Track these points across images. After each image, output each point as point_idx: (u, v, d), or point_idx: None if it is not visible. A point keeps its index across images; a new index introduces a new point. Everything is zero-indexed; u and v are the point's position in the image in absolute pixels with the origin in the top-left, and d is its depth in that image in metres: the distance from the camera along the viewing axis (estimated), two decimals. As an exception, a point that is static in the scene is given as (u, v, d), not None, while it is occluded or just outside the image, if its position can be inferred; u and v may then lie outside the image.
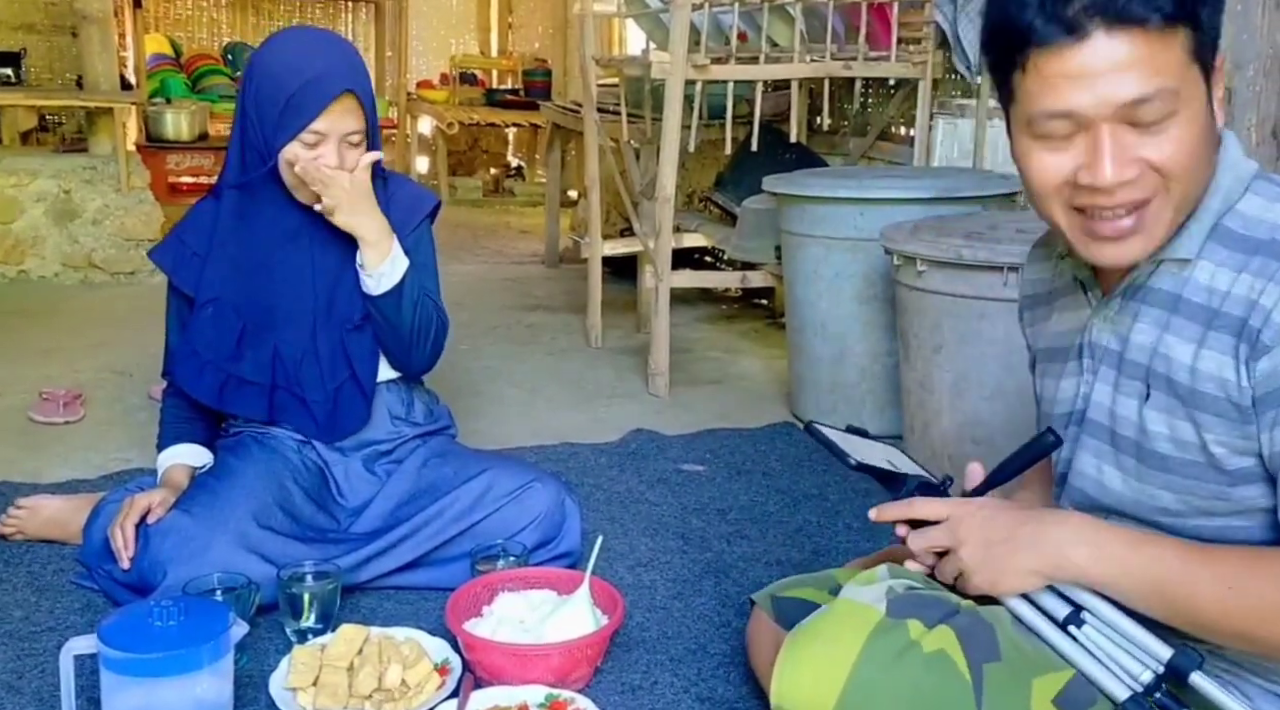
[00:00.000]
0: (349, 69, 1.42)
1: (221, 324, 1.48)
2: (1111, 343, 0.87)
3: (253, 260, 1.49)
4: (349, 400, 1.53)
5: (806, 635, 0.87)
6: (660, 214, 2.45)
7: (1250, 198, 0.81)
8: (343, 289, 1.49)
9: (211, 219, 1.51)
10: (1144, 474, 0.85)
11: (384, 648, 1.21)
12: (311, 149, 1.40)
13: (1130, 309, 0.86)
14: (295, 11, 6.16)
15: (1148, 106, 0.75)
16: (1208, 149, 0.80)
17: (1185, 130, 0.77)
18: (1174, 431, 0.82)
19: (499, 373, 2.58)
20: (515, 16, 6.74)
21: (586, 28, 2.84)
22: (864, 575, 0.93)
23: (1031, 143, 0.80)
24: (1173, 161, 0.77)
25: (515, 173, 6.33)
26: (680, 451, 2.08)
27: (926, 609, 0.85)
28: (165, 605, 1.08)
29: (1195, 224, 0.82)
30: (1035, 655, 0.84)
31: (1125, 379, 0.86)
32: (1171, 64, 0.75)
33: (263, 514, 1.40)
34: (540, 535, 1.48)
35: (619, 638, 1.34)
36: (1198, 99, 0.77)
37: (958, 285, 1.80)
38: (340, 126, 1.40)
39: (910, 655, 0.82)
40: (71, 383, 2.37)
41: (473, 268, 3.95)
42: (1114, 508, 0.88)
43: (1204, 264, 0.81)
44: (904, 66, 2.58)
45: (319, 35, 1.53)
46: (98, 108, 3.56)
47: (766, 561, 1.62)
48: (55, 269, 3.52)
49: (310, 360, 1.50)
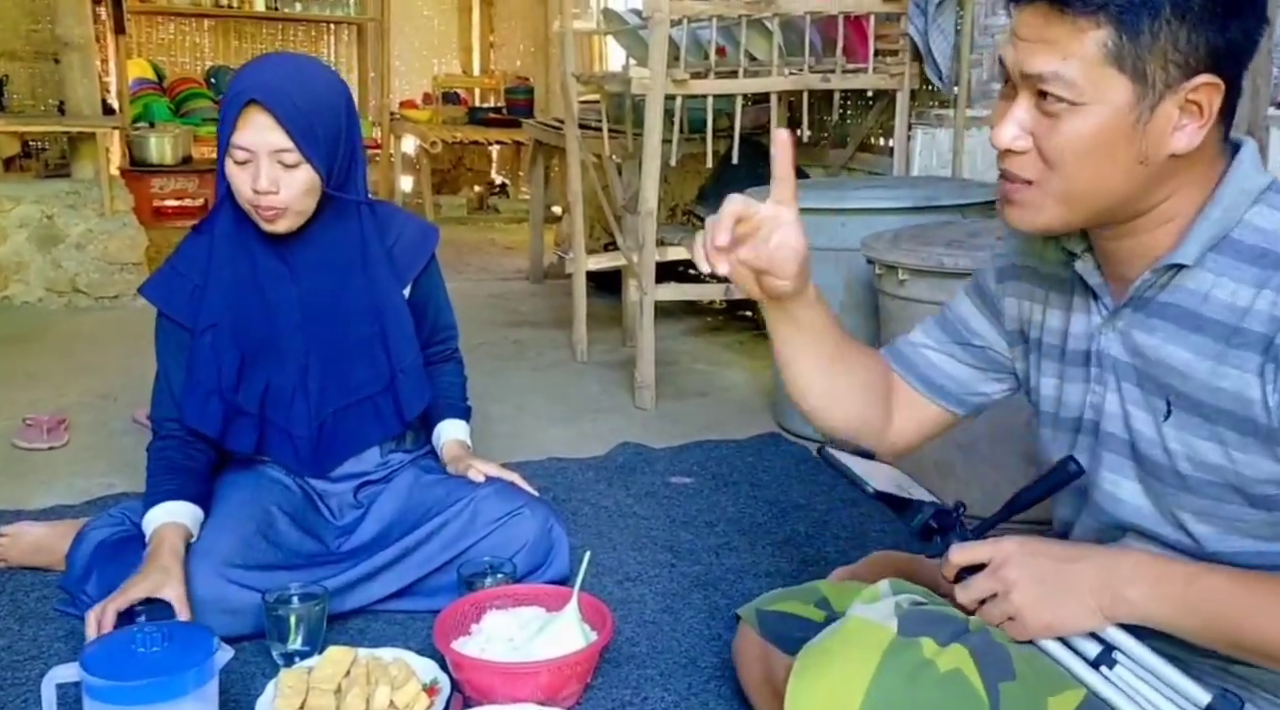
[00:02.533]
0: (270, 85, 1.33)
1: (222, 352, 1.43)
2: (1123, 355, 0.85)
3: (246, 289, 1.44)
4: (335, 432, 1.50)
5: (819, 655, 0.85)
6: (643, 228, 2.46)
7: (1265, 211, 0.79)
8: (333, 321, 1.46)
9: (207, 247, 1.45)
10: (1163, 492, 0.84)
11: (372, 669, 1.20)
12: (242, 167, 1.34)
13: (1142, 322, 0.83)
14: (278, 35, 6.17)
15: (1045, 85, 0.76)
16: (1112, 160, 0.76)
17: (1079, 126, 0.76)
18: (1193, 450, 0.81)
19: (485, 389, 2.58)
20: (496, 35, 6.78)
21: (566, 45, 2.87)
22: (868, 592, 0.92)
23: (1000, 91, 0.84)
24: (1053, 151, 0.77)
25: (499, 190, 6.34)
26: (667, 464, 2.09)
27: (937, 626, 0.84)
28: (149, 631, 1.07)
29: (1195, 230, 0.79)
30: (1048, 674, 0.83)
31: (1142, 394, 0.84)
32: (1080, 56, 0.74)
33: (246, 544, 1.38)
34: (528, 562, 1.47)
35: (608, 653, 1.34)
36: (1110, 104, 0.75)
37: (939, 293, 1.81)
38: (264, 142, 1.32)
39: (926, 674, 0.80)
40: (56, 408, 2.35)
41: (458, 285, 3.90)
42: (1133, 523, 0.87)
43: (1221, 279, 0.79)
44: (881, 78, 2.61)
45: (281, 58, 1.49)
46: (80, 133, 3.56)
47: (755, 573, 1.62)
48: (39, 294, 3.50)
49: (300, 395, 1.47)
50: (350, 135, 1.42)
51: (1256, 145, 0.82)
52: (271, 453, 1.50)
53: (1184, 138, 0.77)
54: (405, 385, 1.51)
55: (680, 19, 2.43)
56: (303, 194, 1.37)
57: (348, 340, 1.47)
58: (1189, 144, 0.77)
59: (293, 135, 1.32)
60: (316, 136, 1.35)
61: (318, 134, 1.35)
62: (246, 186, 1.35)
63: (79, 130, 3.55)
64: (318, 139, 1.35)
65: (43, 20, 4.32)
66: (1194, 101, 0.75)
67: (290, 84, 1.34)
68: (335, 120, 1.38)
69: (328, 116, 1.36)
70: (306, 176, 1.36)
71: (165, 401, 1.46)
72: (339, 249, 1.46)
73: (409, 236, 1.54)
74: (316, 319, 1.46)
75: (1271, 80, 2.04)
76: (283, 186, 1.35)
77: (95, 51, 3.76)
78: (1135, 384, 0.85)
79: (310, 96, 1.35)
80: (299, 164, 1.34)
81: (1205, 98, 0.75)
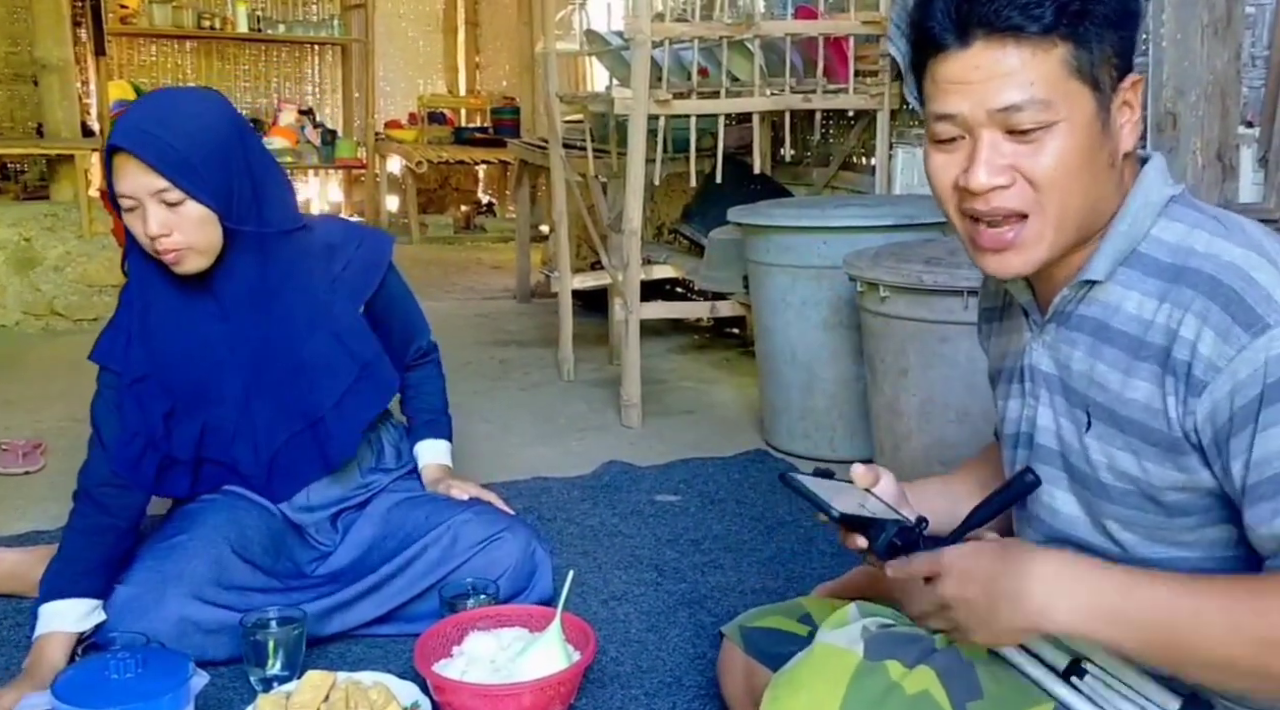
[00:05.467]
0: (134, 129, 1.28)
1: (149, 402, 1.38)
2: (1050, 368, 0.88)
3: (168, 337, 1.39)
4: (290, 461, 1.46)
5: (787, 685, 0.85)
6: (628, 247, 2.47)
7: (1168, 224, 0.81)
8: (272, 353, 1.42)
9: (133, 294, 1.41)
10: (1092, 502, 0.85)
11: (351, 694, 1.18)
12: (133, 215, 1.31)
13: (1065, 336, 0.86)
14: (261, 56, 6.18)
15: (1020, 114, 0.77)
16: (1094, 169, 0.79)
17: (1061, 144, 0.78)
18: (1112, 461, 0.82)
19: (471, 409, 2.57)
20: (482, 56, 6.82)
21: (550, 66, 2.88)
22: (836, 616, 0.93)
23: (930, 146, 0.84)
24: (1044, 174, 0.78)
25: (486, 209, 6.35)
26: (653, 482, 2.08)
27: (904, 648, 0.84)
28: (123, 657, 1.05)
29: (1105, 245, 0.82)
30: (1015, 689, 0.83)
31: (1068, 405, 0.86)
32: (1048, 76, 0.77)
33: (220, 563, 1.36)
34: (511, 586, 1.45)
35: (593, 674, 1.32)
36: (1079, 115, 0.78)
37: (919, 310, 1.83)
38: (140, 186, 1.28)
39: (894, 698, 0.81)
40: (32, 432, 2.32)
41: (445, 304, 3.95)
42: (1069, 534, 0.88)
43: (1129, 292, 0.81)
44: (862, 98, 2.64)
45: (154, 97, 1.41)
46: (59, 155, 3.55)
47: (741, 590, 1.61)
48: (16, 317, 3.46)
49: (244, 436, 1.43)
50: (250, 164, 1.36)
51: (1164, 159, 0.85)
52: (216, 487, 1.46)
53: (1129, 134, 0.81)
54: (335, 421, 1.45)
55: (662, 40, 2.45)
56: (197, 230, 1.31)
57: (287, 371, 1.43)
58: (1133, 140, 0.81)
59: (164, 173, 1.28)
60: (195, 170, 1.29)
61: (195, 168, 1.29)
62: (141, 233, 1.32)
63: (58, 152, 3.54)
64: (197, 173, 1.29)
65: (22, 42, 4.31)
66: (1126, 101, 0.81)
67: (155, 124, 1.29)
68: (220, 151, 1.32)
69: (207, 149, 1.31)
70: (196, 212, 1.31)
71: (98, 461, 1.39)
72: (266, 279, 1.41)
73: (361, 256, 1.50)
74: (253, 354, 1.42)
75: (1241, 100, 2.08)
76: (174, 227, 1.30)
77: (75, 74, 3.75)
78: (1062, 396, 0.87)
79: (181, 132, 1.30)
80: (183, 201, 1.30)
81: (1134, 93, 0.81)
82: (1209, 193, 2.06)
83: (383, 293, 1.52)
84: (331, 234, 1.50)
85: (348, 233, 1.53)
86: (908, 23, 0.84)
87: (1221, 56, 2.05)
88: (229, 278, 1.39)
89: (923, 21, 0.80)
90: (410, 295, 1.61)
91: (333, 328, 1.45)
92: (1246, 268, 0.75)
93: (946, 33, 0.79)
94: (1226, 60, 2.05)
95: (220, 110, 1.37)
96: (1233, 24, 2.05)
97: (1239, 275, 0.75)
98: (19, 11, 4.27)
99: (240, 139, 1.36)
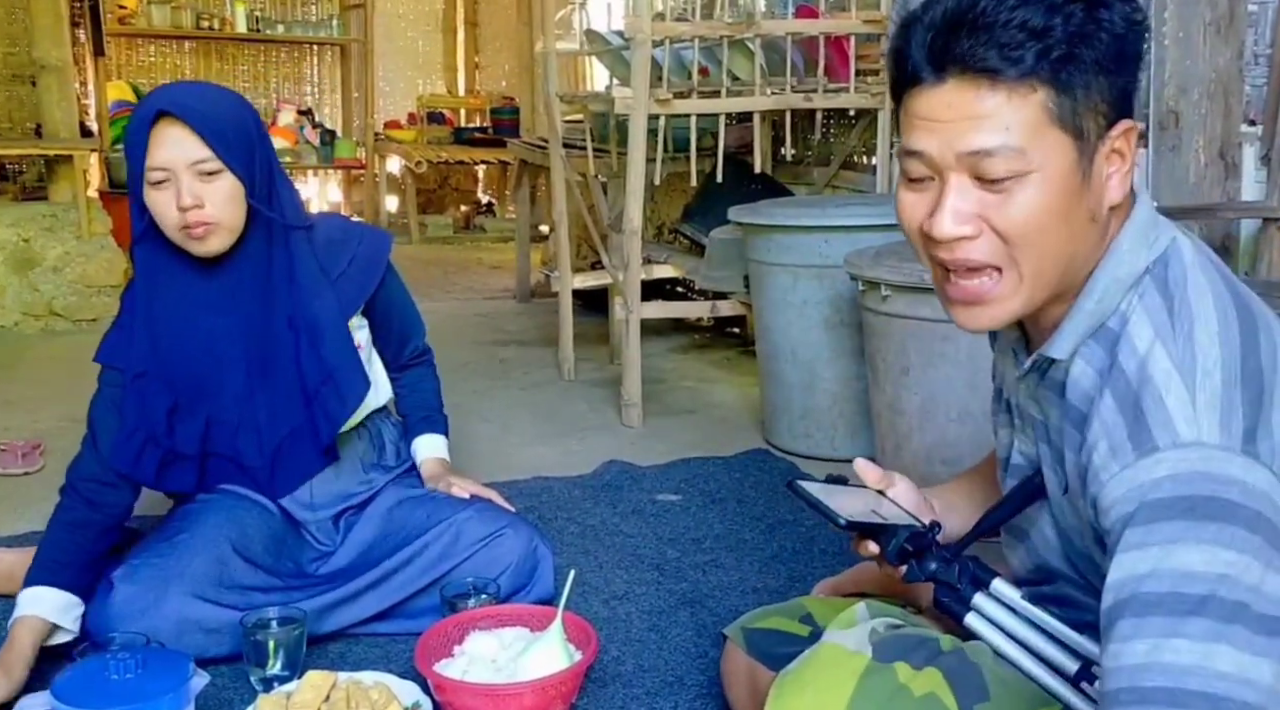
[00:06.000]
0: (176, 99, 1.31)
1: (151, 398, 1.38)
2: (1036, 414, 0.85)
3: (172, 330, 1.39)
4: (293, 454, 1.46)
5: (794, 684, 0.84)
6: (628, 246, 2.46)
7: (1131, 300, 0.75)
8: (278, 346, 1.42)
9: (136, 290, 1.41)
10: (1067, 547, 0.84)
11: (352, 694, 1.18)
12: (162, 189, 1.30)
13: (1042, 393, 0.83)
14: (260, 56, 6.18)
15: (991, 161, 0.72)
16: (1070, 224, 0.74)
17: (1033, 196, 0.72)
18: (1081, 524, 0.79)
19: (471, 408, 2.56)
20: (481, 56, 6.81)
21: (550, 66, 2.88)
22: (843, 616, 0.92)
23: (901, 182, 0.79)
24: (1014, 227, 0.73)
25: (486, 209, 6.35)
26: (654, 482, 2.07)
27: (912, 650, 0.83)
28: (122, 658, 1.05)
29: (1069, 324, 0.77)
30: (1022, 692, 0.83)
31: (1051, 458, 0.83)
32: (1024, 123, 0.71)
33: (221, 562, 1.36)
34: (513, 583, 1.45)
35: (594, 673, 1.32)
36: (1056, 166, 0.72)
37: (920, 309, 1.82)
38: (180, 155, 1.28)
39: (901, 699, 0.80)
40: (31, 433, 2.32)
41: (445, 305, 3.94)
42: (1054, 566, 0.86)
43: (1086, 368, 0.77)
44: (863, 97, 2.63)
45: (181, 82, 1.44)
46: (57, 155, 3.54)
47: (743, 590, 1.60)
48: (15, 318, 3.46)
49: (247, 428, 1.43)
50: (265, 153, 1.38)
51: (1149, 210, 0.78)
52: (224, 483, 1.46)
53: (1117, 186, 0.75)
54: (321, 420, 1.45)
55: (663, 39, 2.45)
56: (228, 204, 1.32)
57: (287, 364, 1.43)
58: (1122, 191, 0.76)
59: (208, 141, 1.29)
60: (231, 143, 1.31)
61: (232, 141, 1.31)
62: (170, 207, 1.30)
63: (56, 153, 3.53)
64: (233, 145, 1.31)
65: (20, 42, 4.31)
66: (1116, 149, 0.75)
67: (194, 98, 1.33)
68: (246, 131, 1.35)
69: (237, 125, 1.33)
70: (229, 185, 1.32)
71: (88, 457, 1.39)
72: (271, 272, 1.40)
73: (363, 253, 1.49)
74: (257, 346, 1.42)
75: (1243, 98, 2.08)
76: (207, 199, 1.30)
77: (73, 74, 3.74)
78: (1047, 445, 0.84)
79: (217, 107, 1.33)
80: (219, 172, 1.30)
81: (1126, 142, 0.75)
82: (1211, 191, 2.06)
83: (382, 291, 1.53)
84: (333, 231, 1.50)
85: (349, 230, 1.53)
86: (889, 48, 0.79)
87: (1224, 54, 2.05)
88: (240, 265, 1.39)
89: (901, 49, 0.76)
90: (407, 295, 1.61)
91: (326, 326, 1.44)
92: (1162, 387, 0.70)
93: (924, 64, 0.74)
94: (1229, 58, 2.05)
95: (241, 100, 1.41)
96: (1235, 22, 2.05)
97: (1152, 394, 0.70)
98: (17, 12, 4.26)
99: (258, 129, 1.39)
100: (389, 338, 1.57)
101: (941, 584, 0.87)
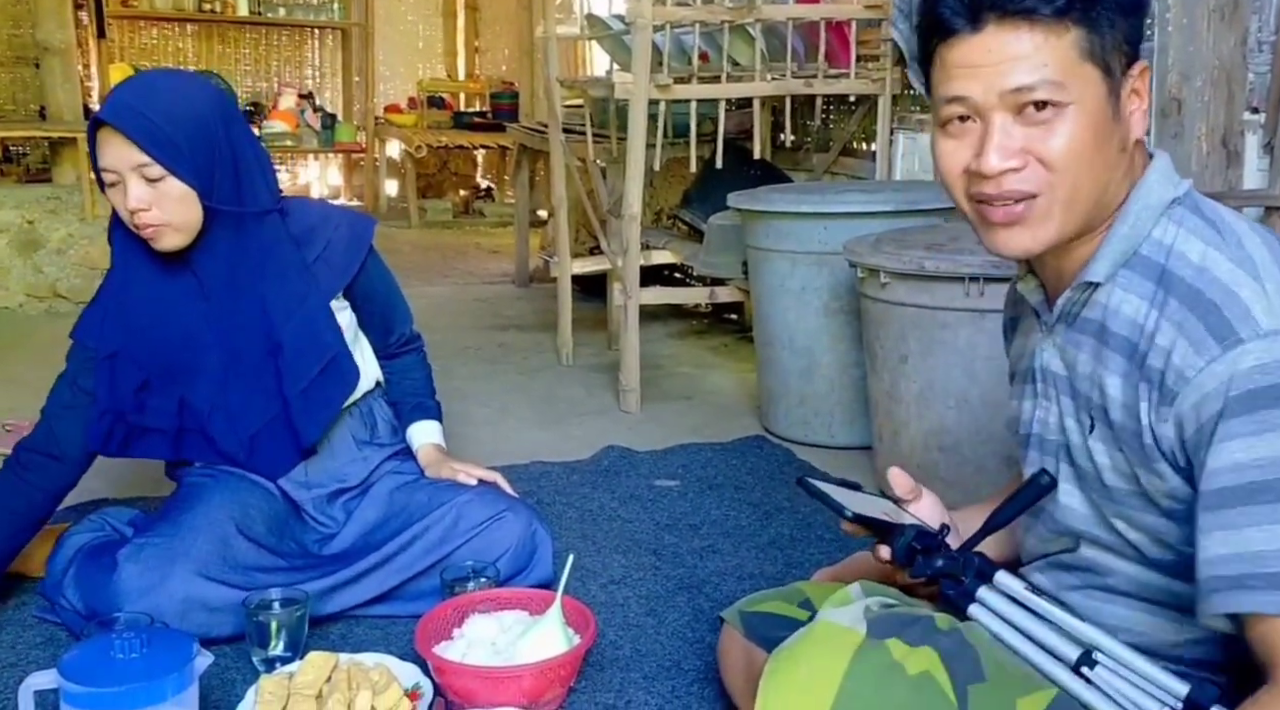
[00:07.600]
0: (119, 105, 1.31)
1: (120, 377, 1.40)
2: (1060, 369, 0.89)
3: (145, 317, 1.41)
4: (270, 446, 1.47)
5: (788, 660, 0.85)
6: (627, 232, 2.47)
7: (1168, 227, 0.82)
8: (248, 337, 1.42)
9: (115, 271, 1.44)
10: (1099, 501, 0.86)
11: (353, 674, 1.20)
12: (114, 190, 1.34)
13: (1072, 338, 0.87)
14: (261, 39, 6.15)
15: (1032, 96, 0.78)
16: (1106, 152, 0.81)
17: (1073, 126, 0.79)
18: (1114, 463, 0.83)
19: (470, 393, 2.58)
20: (481, 41, 6.78)
21: (550, 50, 2.87)
22: (838, 595, 0.93)
23: (939, 132, 0.84)
24: (1057, 155, 0.79)
25: (485, 194, 6.34)
26: (652, 467, 2.09)
27: (907, 628, 0.84)
28: (127, 637, 1.07)
29: (1105, 248, 0.83)
30: (1018, 675, 0.84)
31: (1074, 406, 0.87)
32: (1060, 59, 0.78)
33: (224, 541, 1.37)
34: (512, 566, 1.46)
35: (592, 657, 1.34)
36: (1091, 99, 0.79)
37: (920, 296, 1.83)
38: (121, 159, 1.30)
39: (895, 676, 0.81)
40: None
41: (443, 289, 3.95)
42: (1081, 530, 0.88)
43: (1128, 295, 0.82)
44: (863, 83, 2.63)
45: (143, 77, 1.42)
46: (61, 138, 3.54)
47: (739, 575, 1.62)
48: (20, 300, 3.47)
49: (220, 413, 1.44)
50: (233, 146, 1.37)
51: (1169, 158, 0.85)
52: (199, 458, 1.49)
53: (1139, 121, 0.82)
54: (300, 409, 1.46)
55: (663, 24, 2.44)
56: (177, 206, 1.33)
57: (263, 354, 1.44)
58: (1143, 127, 0.83)
59: (146, 148, 1.30)
60: (177, 148, 1.31)
61: (177, 145, 1.31)
62: (122, 208, 1.34)
63: (60, 135, 3.53)
64: (179, 150, 1.31)
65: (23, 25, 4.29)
66: (1135, 89, 0.82)
67: (139, 101, 1.32)
68: (202, 131, 1.34)
69: (190, 128, 1.32)
70: (176, 189, 1.32)
71: (37, 428, 1.45)
72: (245, 260, 1.41)
73: (340, 239, 1.49)
74: (231, 333, 1.43)
75: (1246, 85, 2.07)
76: (153, 203, 1.32)
77: (76, 56, 3.73)
78: (1070, 396, 0.88)
79: (164, 110, 1.32)
80: (163, 177, 1.31)
81: (1142, 82, 0.82)
82: (1214, 179, 2.05)
83: (363, 276, 1.52)
84: (310, 216, 1.50)
85: (327, 215, 1.53)
86: (916, 9, 0.84)
87: (1227, 41, 2.04)
88: (208, 257, 1.40)
89: (934, 7, 0.81)
90: (393, 281, 1.61)
91: (306, 314, 1.45)
92: (1231, 283, 0.76)
93: (958, 17, 0.79)
94: (1232, 45, 2.04)
95: (205, 92, 1.39)
96: (1239, 9, 2.04)
97: (1222, 290, 0.76)
98: (19, -6, 4.25)
99: (224, 121, 1.37)
100: (372, 323, 1.58)
101: (947, 577, 0.89)
